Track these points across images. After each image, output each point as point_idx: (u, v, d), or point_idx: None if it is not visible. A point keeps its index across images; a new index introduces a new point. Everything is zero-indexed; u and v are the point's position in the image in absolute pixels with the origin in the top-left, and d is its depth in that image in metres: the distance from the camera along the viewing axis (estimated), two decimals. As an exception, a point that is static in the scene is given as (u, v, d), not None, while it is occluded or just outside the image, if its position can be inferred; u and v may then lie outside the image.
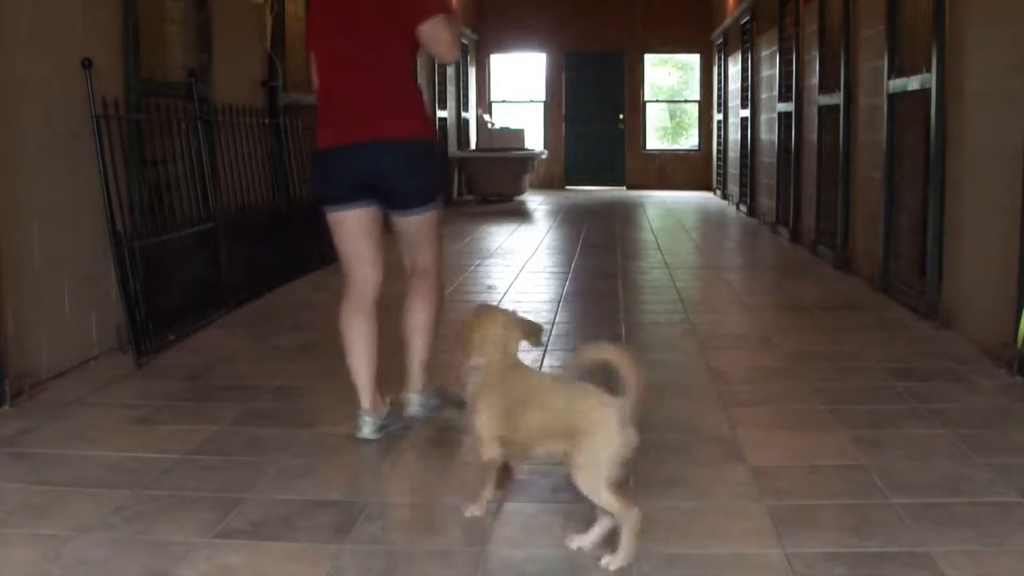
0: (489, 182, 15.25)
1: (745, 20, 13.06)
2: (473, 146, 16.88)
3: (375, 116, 3.43)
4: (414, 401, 3.66)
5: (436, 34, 3.40)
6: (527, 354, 3.24)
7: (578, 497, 2.64)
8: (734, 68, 14.44)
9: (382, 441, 3.59)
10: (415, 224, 3.58)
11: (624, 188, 18.42)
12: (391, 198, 3.53)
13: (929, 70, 5.63)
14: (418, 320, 3.62)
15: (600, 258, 8.63)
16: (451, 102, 15.12)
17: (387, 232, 3.66)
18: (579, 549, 2.64)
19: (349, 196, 3.49)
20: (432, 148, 3.60)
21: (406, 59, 3.49)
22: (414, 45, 3.47)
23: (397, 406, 3.66)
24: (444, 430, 3.72)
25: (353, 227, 3.53)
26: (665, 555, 2.62)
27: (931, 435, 3.61)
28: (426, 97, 3.54)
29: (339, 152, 3.45)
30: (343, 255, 3.60)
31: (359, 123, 3.42)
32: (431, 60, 12.35)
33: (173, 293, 5.27)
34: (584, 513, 2.92)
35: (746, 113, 13.03)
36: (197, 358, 4.87)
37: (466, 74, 16.89)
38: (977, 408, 3.98)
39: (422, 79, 12.41)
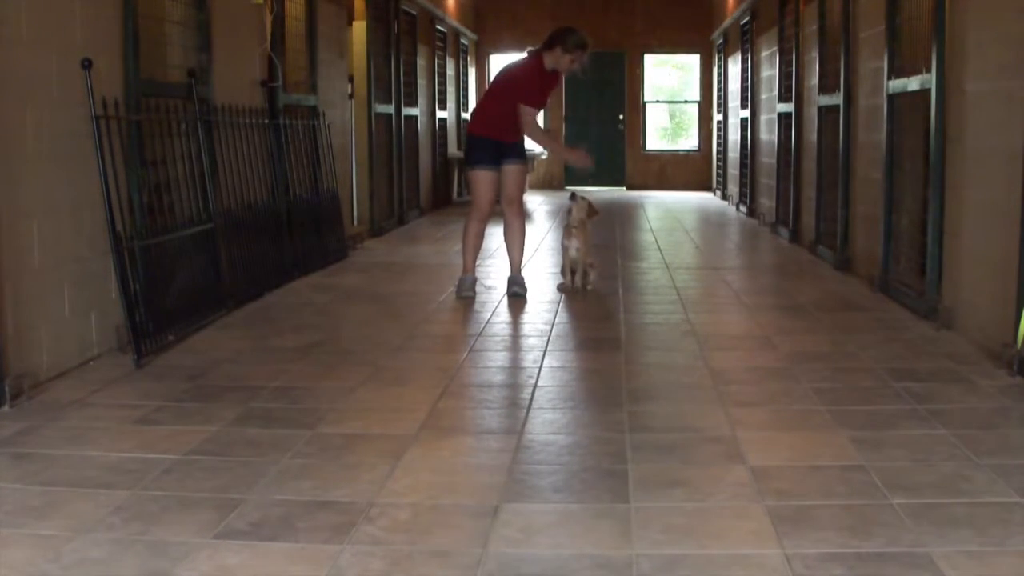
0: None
1: (745, 20, 13.06)
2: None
3: (503, 129, 6.68)
4: (513, 282, 6.70)
5: (523, 111, 6.61)
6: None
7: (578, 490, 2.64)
8: (734, 69, 14.44)
9: (384, 439, 3.60)
10: (513, 170, 6.79)
11: (624, 188, 18.43)
12: (508, 155, 6.70)
13: (929, 70, 5.63)
14: (515, 239, 6.79)
15: (600, 258, 8.61)
16: (451, 103, 15.12)
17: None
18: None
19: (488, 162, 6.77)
20: (523, 142, 6.83)
21: (514, 113, 6.61)
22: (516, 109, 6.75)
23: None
24: (448, 431, 3.73)
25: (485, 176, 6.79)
26: (665, 555, 2.62)
27: (931, 435, 3.61)
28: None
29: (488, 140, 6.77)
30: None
31: (498, 131, 6.66)
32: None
33: (173, 293, 5.27)
34: (583, 513, 2.93)
35: (746, 114, 13.04)
36: (197, 359, 4.87)
37: (465, 75, 16.90)
38: (977, 408, 3.98)
39: (423, 79, 12.64)
